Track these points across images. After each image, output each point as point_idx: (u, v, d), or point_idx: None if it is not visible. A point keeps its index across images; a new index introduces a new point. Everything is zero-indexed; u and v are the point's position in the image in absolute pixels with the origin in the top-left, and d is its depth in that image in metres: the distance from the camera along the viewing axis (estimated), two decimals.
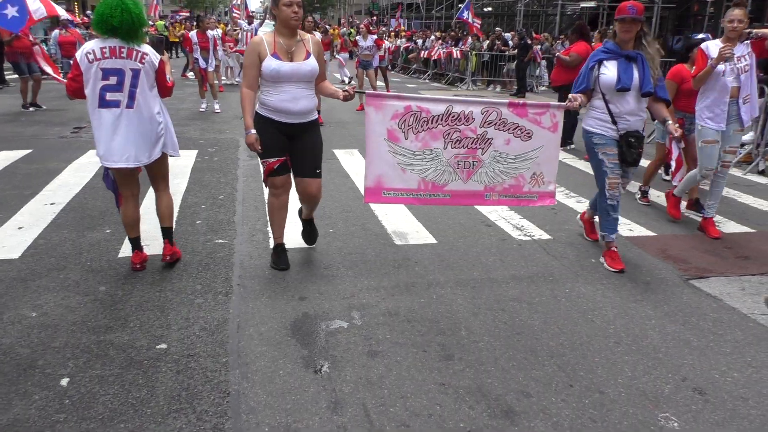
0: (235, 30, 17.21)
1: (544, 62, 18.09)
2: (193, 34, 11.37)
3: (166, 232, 4.10)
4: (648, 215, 5.78)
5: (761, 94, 7.80)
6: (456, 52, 18.49)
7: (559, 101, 8.58)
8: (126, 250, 4.32)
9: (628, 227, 5.36)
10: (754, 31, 4.99)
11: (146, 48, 3.71)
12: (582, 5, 24.79)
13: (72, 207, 5.42)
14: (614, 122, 4.25)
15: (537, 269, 4.34)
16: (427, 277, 4.13)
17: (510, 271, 4.29)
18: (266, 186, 4.13)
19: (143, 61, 3.66)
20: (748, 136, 8.10)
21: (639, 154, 4.29)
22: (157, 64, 3.76)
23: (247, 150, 7.97)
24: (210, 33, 11.31)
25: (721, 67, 4.77)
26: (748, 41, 4.90)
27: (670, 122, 4.27)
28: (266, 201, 4.33)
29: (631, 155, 4.26)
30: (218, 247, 4.53)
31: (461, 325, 3.46)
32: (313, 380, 2.87)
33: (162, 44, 4.61)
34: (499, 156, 4.10)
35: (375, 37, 12.14)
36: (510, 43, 17.79)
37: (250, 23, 16.56)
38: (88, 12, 30.98)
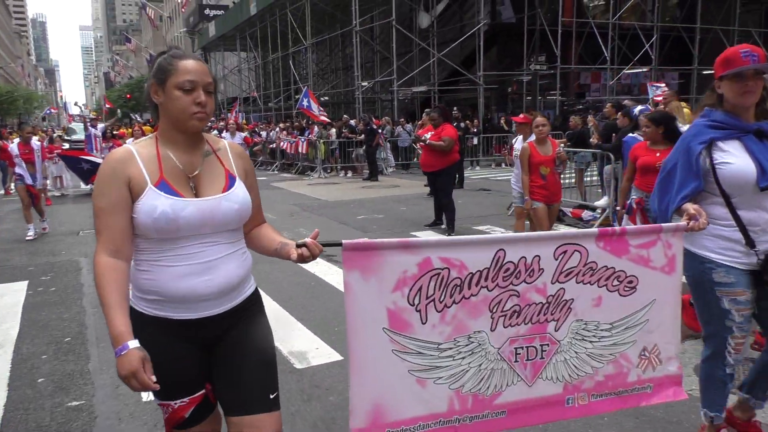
0: (65, 137, 15.67)
1: (388, 144, 18.61)
2: (13, 146, 9.57)
3: None
4: None
5: (608, 161, 8.34)
6: (302, 145, 18.43)
7: (432, 185, 8.60)
8: None
9: None
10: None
11: None
12: (414, 90, 26.29)
13: None
14: (749, 242, 2.58)
15: None
16: (347, 408, 3.50)
17: None
18: None
19: None
20: (602, 201, 8.58)
21: None
22: None
23: (93, 272, 6.87)
24: (35, 142, 9.67)
25: None
26: None
27: None
28: None
29: None
30: (72, 414, 3.54)
31: None
32: None
33: None
34: (585, 329, 2.32)
35: (244, 134, 11.35)
36: (356, 129, 18.10)
37: (93, 126, 14.97)
38: None
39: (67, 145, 21.19)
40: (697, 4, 24.92)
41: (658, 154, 4.88)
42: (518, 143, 7.09)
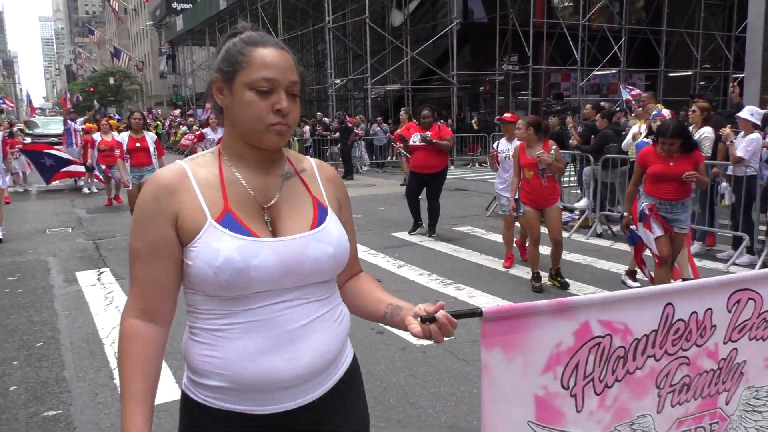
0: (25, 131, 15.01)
1: (363, 143, 18.48)
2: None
3: None
4: (530, 294, 5.62)
5: (588, 162, 8.37)
6: None
7: (422, 187, 7.92)
8: None
9: None
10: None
11: None
12: (387, 88, 26.20)
13: None
14: None
15: (455, 381, 3.80)
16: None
17: (429, 389, 3.69)
18: None
19: None
20: (582, 203, 8.61)
21: None
22: None
23: (62, 272, 6.59)
24: None
25: None
26: None
27: None
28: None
29: None
30: (49, 424, 3.34)
31: None
32: None
33: None
34: (756, 397, 1.86)
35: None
36: (330, 127, 17.91)
37: (72, 119, 14.29)
38: None
39: (28, 140, 20.54)
40: (663, 7, 25.41)
41: (671, 163, 4.83)
42: (502, 145, 6.95)
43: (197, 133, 10.01)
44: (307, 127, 18.22)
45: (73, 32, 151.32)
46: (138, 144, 7.92)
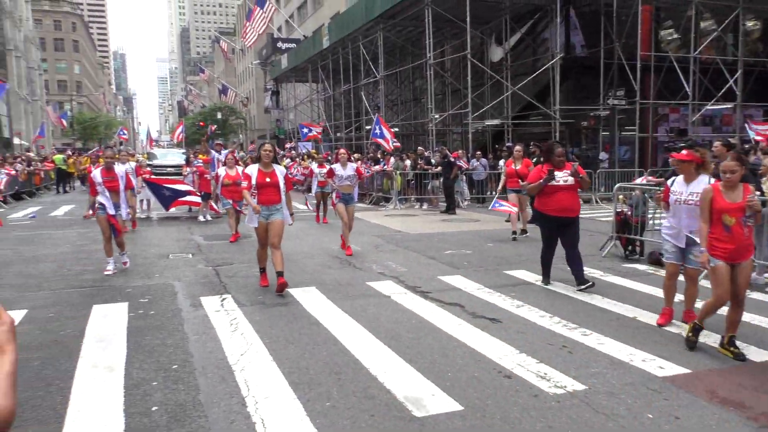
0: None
1: (464, 177, 18.37)
2: (96, 173, 8.30)
3: None
4: (664, 344, 5.24)
5: None
6: (375, 171, 18.42)
7: (556, 234, 6.98)
8: None
9: (656, 363, 4.76)
10: None
11: None
12: (487, 123, 26.05)
13: None
14: None
15: None
16: None
17: None
18: None
19: None
20: None
21: None
22: None
23: (188, 297, 6.88)
24: (119, 169, 8.45)
25: None
26: None
27: None
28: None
29: None
30: None
31: None
32: None
33: None
34: None
35: (355, 165, 10.03)
36: (432, 161, 17.96)
37: (217, 150, 15.18)
38: None
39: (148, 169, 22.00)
40: None
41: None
42: (677, 185, 5.73)
43: (327, 168, 9.80)
44: (409, 162, 18.35)
45: (185, 71, 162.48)
46: (268, 179, 7.03)
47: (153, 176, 15.05)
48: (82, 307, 6.48)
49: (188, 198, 14.04)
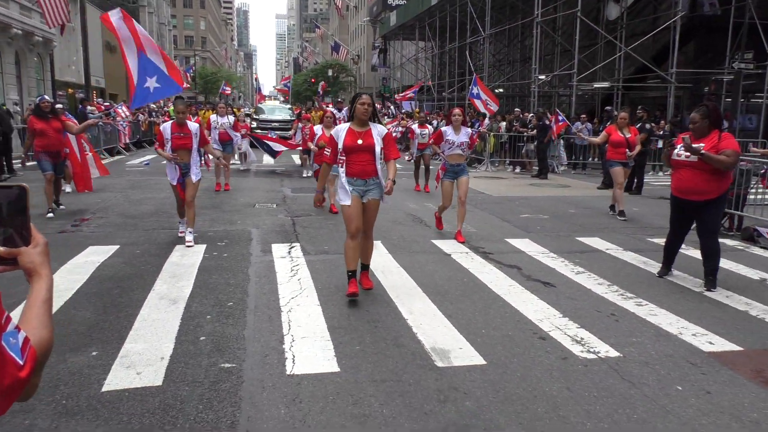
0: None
1: (562, 141, 17.72)
2: (166, 126, 7.27)
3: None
4: (724, 321, 4.96)
5: None
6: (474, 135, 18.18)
7: (683, 219, 5.73)
8: (112, 381, 3.57)
9: (706, 339, 4.54)
10: None
11: None
12: (595, 85, 24.78)
13: (56, 320, 4.71)
14: None
15: (614, 402, 3.51)
16: (482, 416, 3.31)
17: (582, 405, 3.46)
18: None
19: None
20: None
21: None
22: None
23: (261, 243, 7.32)
24: (193, 126, 7.30)
25: None
26: None
27: None
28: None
29: None
30: (224, 375, 3.75)
31: None
32: None
33: None
34: None
35: (470, 130, 8.04)
36: (529, 124, 17.46)
37: (339, 109, 15.57)
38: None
39: (254, 124, 23.02)
40: None
41: None
42: None
43: (431, 129, 9.01)
44: (504, 123, 17.95)
45: (302, 28, 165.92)
46: (360, 141, 5.25)
47: (255, 131, 15.73)
48: (167, 246, 7.09)
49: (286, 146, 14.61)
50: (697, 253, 6.52)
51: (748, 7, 21.23)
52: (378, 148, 5.18)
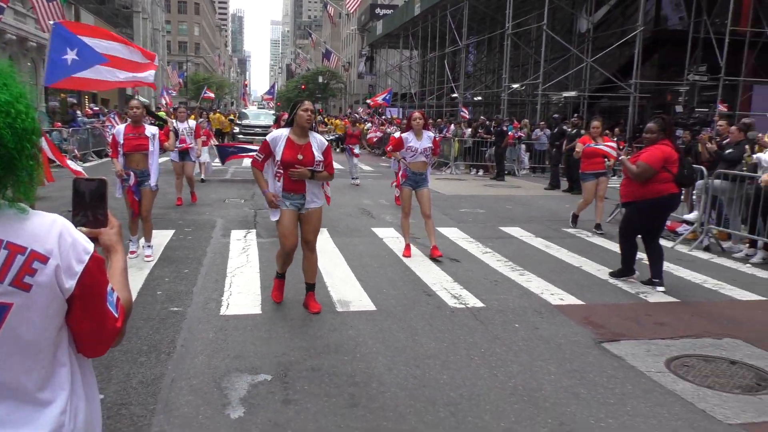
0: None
1: (523, 146, 18.98)
2: (120, 129, 6.64)
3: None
4: (584, 286, 6.18)
5: (701, 176, 8.37)
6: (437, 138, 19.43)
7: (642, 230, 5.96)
8: None
9: (560, 297, 5.75)
10: None
11: None
12: (564, 95, 26.14)
13: None
14: None
15: (461, 332, 4.72)
16: (356, 339, 4.51)
17: (435, 334, 4.66)
18: None
19: None
20: (692, 215, 8.61)
21: None
22: None
23: (222, 229, 8.49)
24: (151, 129, 6.66)
25: None
26: None
27: None
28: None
29: None
30: (171, 315, 4.94)
31: (374, 379, 3.82)
32: (226, 423, 3.23)
33: None
34: None
35: (432, 134, 7.38)
36: (491, 129, 18.73)
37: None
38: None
39: (237, 129, 24.14)
40: None
41: None
42: None
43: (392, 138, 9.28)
44: (469, 130, 19.21)
45: (295, 35, 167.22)
46: (300, 156, 4.86)
47: (222, 142, 16.52)
48: None
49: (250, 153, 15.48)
50: (609, 244, 7.74)
51: (703, 22, 22.63)
52: (318, 164, 4.83)
